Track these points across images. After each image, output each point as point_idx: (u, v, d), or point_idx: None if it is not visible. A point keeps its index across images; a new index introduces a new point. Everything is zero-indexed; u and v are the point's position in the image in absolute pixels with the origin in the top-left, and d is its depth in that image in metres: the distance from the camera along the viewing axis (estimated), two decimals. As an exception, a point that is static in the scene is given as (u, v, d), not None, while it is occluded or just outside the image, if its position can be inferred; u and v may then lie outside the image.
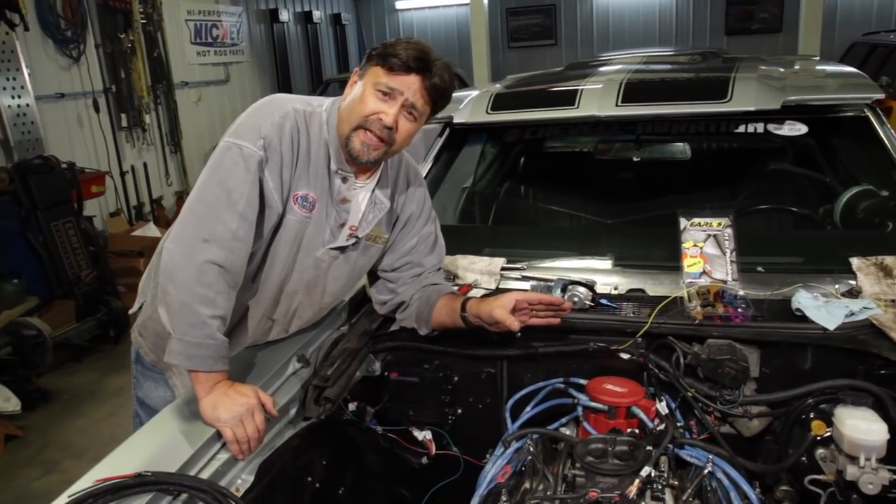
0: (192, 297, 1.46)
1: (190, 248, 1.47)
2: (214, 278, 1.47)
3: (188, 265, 1.47)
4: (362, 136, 1.57)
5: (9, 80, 5.39)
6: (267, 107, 1.60)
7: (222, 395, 1.48)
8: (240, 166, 1.51)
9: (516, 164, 3.17)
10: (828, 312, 1.69)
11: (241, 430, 1.46)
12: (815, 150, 2.64)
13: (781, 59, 3.11)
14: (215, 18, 8.62)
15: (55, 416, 4.09)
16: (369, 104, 1.57)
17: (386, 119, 1.56)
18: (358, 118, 1.57)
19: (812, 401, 1.61)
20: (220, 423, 1.46)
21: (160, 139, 7.39)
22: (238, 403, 1.47)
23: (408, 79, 1.56)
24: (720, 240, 1.88)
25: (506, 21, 12.13)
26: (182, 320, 1.46)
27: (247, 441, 1.48)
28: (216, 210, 1.49)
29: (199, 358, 1.46)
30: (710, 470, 1.46)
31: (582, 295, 1.88)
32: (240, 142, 1.52)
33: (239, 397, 1.48)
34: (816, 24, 8.11)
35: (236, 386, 1.52)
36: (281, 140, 1.55)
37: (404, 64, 1.55)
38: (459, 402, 1.93)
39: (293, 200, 1.60)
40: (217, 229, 1.48)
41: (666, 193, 2.66)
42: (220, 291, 1.48)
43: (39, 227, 4.81)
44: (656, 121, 2.36)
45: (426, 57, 1.57)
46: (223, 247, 1.48)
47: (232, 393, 1.49)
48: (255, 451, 1.52)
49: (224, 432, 1.46)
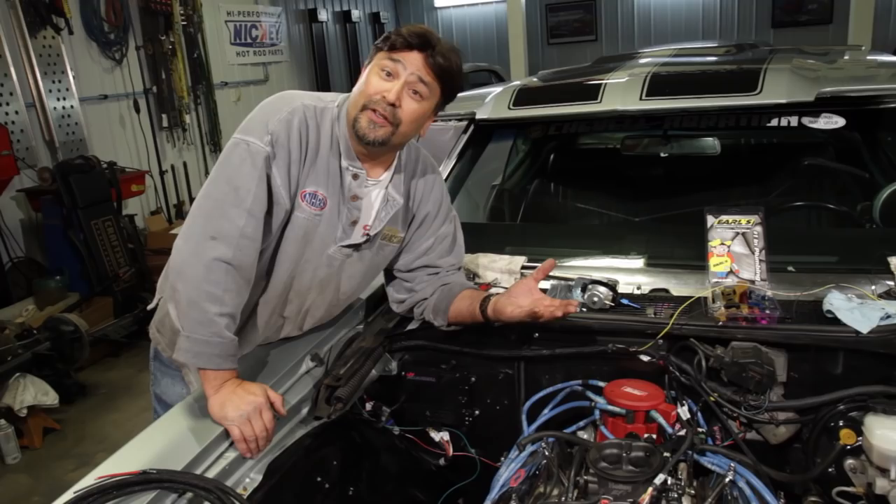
0: (200, 295, 1.45)
1: (198, 245, 1.48)
2: (222, 276, 1.47)
3: (196, 262, 1.47)
4: (369, 114, 1.56)
5: (55, 82, 5.55)
6: (276, 103, 1.60)
7: (230, 394, 1.47)
8: (247, 163, 1.51)
9: (545, 162, 3.13)
10: (862, 315, 1.60)
11: (249, 428, 1.46)
12: (852, 144, 2.53)
13: (825, 50, 2.99)
14: (255, 19, 8.72)
15: (92, 410, 4.19)
16: (373, 84, 1.57)
17: (389, 96, 1.55)
18: (364, 99, 1.57)
19: (842, 408, 1.52)
20: (228, 421, 1.45)
21: (200, 139, 7.51)
22: (246, 402, 1.46)
23: (409, 55, 1.55)
24: (749, 238, 1.80)
25: (545, 17, 11.99)
26: (190, 318, 1.46)
27: (254, 440, 1.47)
28: (224, 207, 1.49)
29: (207, 356, 1.46)
30: (732, 478, 1.39)
31: (602, 295, 1.82)
32: (247, 138, 1.53)
33: (247, 395, 1.48)
34: (868, 13, 7.81)
35: (245, 384, 1.51)
36: (289, 136, 1.54)
37: (405, 41, 1.55)
38: (477, 403, 1.90)
39: (301, 197, 1.59)
40: (224, 226, 1.48)
41: (695, 190, 2.58)
42: (228, 289, 1.48)
43: (80, 225, 4.94)
44: (684, 115, 2.29)
45: (427, 35, 1.57)
46: (231, 244, 1.47)
47: (240, 391, 1.48)
48: (264, 449, 1.51)
49: (231, 431, 1.46)
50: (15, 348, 3.83)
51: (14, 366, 3.75)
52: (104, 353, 4.78)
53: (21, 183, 5.17)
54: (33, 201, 5.16)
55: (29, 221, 5.37)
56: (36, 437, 3.82)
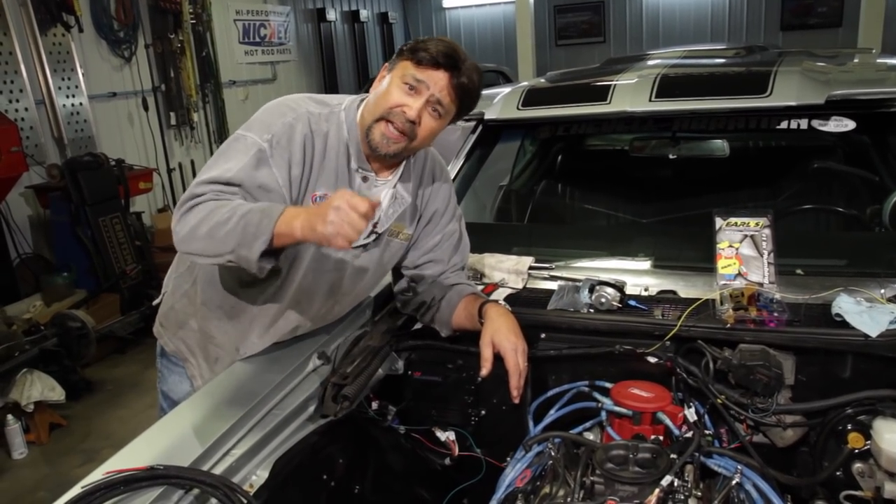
0: (209, 225, 1.39)
1: (189, 196, 1.46)
2: (215, 194, 1.45)
3: (189, 205, 1.44)
4: (383, 127, 1.55)
5: (64, 80, 5.57)
6: (280, 107, 1.60)
7: (304, 212, 1.38)
8: (241, 148, 1.52)
9: (553, 163, 3.12)
10: (871, 318, 1.59)
11: (336, 216, 1.30)
12: (862, 147, 2.52)
13: (834, 53, 2.98)
14: (263, 18, 8.74)
15: (98, 407, 4.21)
16: (394, 96, 1.55)
17: (409, 112, 1.54)
18: (382, 109, 1.56)
19: (850, 411, 1.52)
20: (319, 229, 1.31)
21: (208, 137, 7.52)
22: (322, 207, 1.35)
23: (436, 74, 1.54)
24: (757, 241, 1.80)
25: (554, 18, 11.98)
26: (223, 236, 1.38)
27: (349, 221, 1.30)
28: (211, 167, 1.51)
29: (256, 226, 1.36)
30: (739, 481, 1.39)
31: (610, 296, 1.82)
32: (248, 133, 1.54)
33: (321, 205, 1.38)
34: (878, 17, 7.75)
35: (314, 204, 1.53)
36: (290, 140, 1.54)
37: (433, 58, 1.53)
38: (483, 402, 1.89)
39: (312, 201, 1.59)
40: (211, 173, 1.49)
41: (704, 192, 2.58)
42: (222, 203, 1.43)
43: (88, 222, 4.96)
44: (693, 117, 2.28)
45: (455, 54, 1.55)
46: (219, 185, 1.47)
47: (312, 207, 1.49)
48: (364, 231, 1.40)
49: (325, 230, 1.31)
50: (22, 344, 3.84)
51: (21, 361, 3.76)
52: (110, 350, 4.79)
53: (30, 179, 5.18)
54: (42, 198, 5.18)
55: (37, 218, 5.39)
56: (42, 432, 3.83)
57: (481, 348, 1.67)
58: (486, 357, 1.66)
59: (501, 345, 1.65)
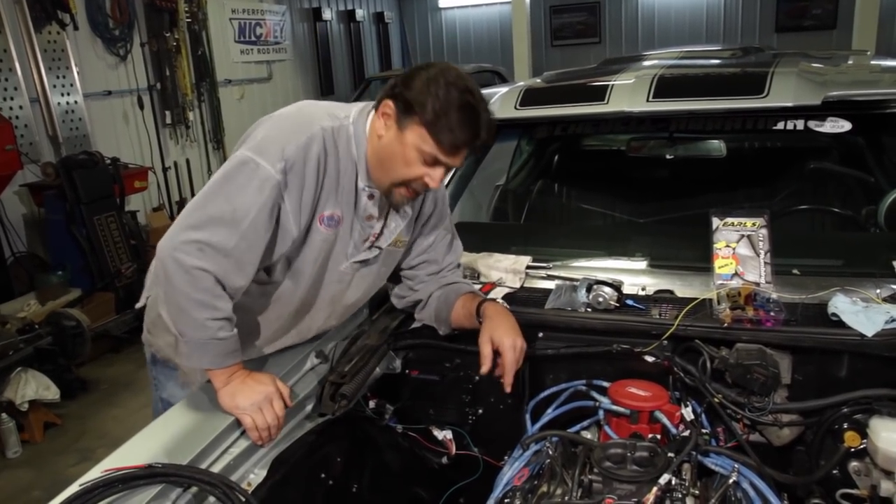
0: (189, 303, 1.43)
1: (185, 254, 1.42)
2: (210, 285, 1.44)
3: (181, 271, 1.42)
4: (404, 191, 1.56)
5: (59, 78, 5.55)
6: (294, 125, 1.52)
7: (240, 384, 1.49)
8: (253, 185, 1.44)
9: (550, 163, 3.13)
10: (867, 318, 1.60)
11: (261, 417, 1.47)
12: (859, 149, 2.53)
13: (830, 54, 2.99)
14: (259, 17, 8.73)
15: (93, 406, 4.19)
16: (415, 169, 1.51)
17: (432, 184, 1.53)
18: (402, 177, 1.53)
19: (846, 410, 1.53)
20: (240, 410, 1.46)
21: (203, 136, 7.51)
22: (256, 392, 1.48)
23: (460, 154, 1.52)
24: (754, 240, 1.80)
25: (549, 19, 12.01)
26: (183, 324, 1.45)
27: (266, 428, 1.48)
28: (217, 223, 1.43)
29: (210, 357, 1.47)
30: (736, 479, 1.39)
31: (607, 295, 1.82)
32: (259, 159, 1.45)
33: (257, 385, 1.49)
34: (873, 19, 7.77)
35: (254, 374, 1.53)
36: (305, 163, 1.48)
37: (457, 147, 1.48)
38: (480, 401, 1.90)
39: (319, 221, 1.56)
40: (213, 241, 1.42)
41: (701, 192, 2.58)
42: (218, 296, 1.45)
43: (83, 220, 4.94)
44: (690, 117, 2.29)
45: (478, 130, 1.48)
46: (217, 261, 1.43)
47: (250, 381, 1.50)
48: (276, 438, 1.53)
49: (244, 420, 1.47)
50: (17, 343, 3.83)
51: (16, 360, 3.75)
52: (105, 349, 4.78)
53: (24, 178, 5.17)
54: (36, 196, 5.17)
55: (32, 216, 5.37)
56: (37, 431, 3.82)
57: (480, 346, 1.67)
58: (485, 354, 1.66)
59: (501, 342, 1.65)
